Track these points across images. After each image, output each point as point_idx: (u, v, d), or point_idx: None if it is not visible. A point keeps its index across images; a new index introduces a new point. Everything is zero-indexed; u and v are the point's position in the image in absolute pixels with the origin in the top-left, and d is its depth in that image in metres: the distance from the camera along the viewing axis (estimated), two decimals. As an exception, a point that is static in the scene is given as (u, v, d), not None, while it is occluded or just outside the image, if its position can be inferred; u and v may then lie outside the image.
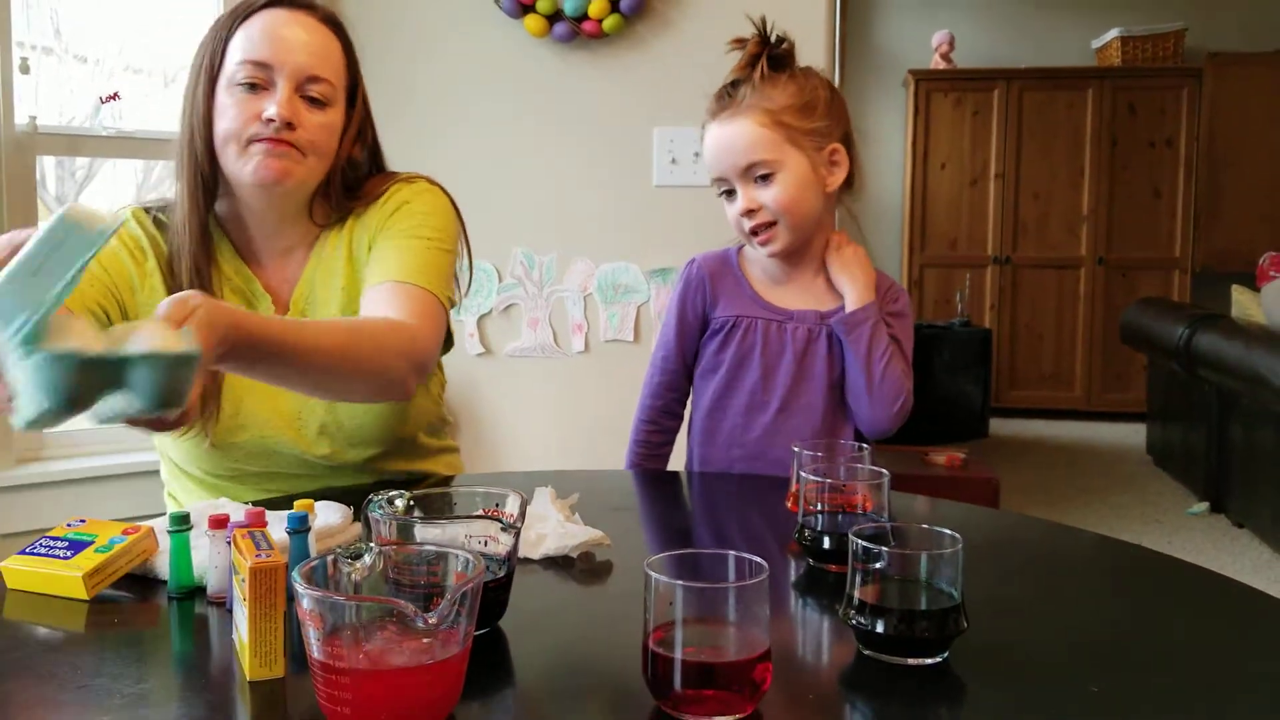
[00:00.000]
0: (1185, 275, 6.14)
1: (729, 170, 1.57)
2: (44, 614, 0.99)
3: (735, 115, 1.55)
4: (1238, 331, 4.03)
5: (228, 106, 1.37)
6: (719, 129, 1.57)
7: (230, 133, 1.36)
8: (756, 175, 1.55)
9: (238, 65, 1.36)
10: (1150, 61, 6.12)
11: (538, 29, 2.83)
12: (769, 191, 1.54)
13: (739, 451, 1.60)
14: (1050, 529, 1.36)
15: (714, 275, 1.66)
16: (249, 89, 1.36)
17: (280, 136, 1.36)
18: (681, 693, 0.76)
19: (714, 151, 1.58)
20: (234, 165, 1.38)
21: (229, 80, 1.37)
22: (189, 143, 1.39)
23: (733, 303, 1.64)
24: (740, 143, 1.54)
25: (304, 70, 1.38)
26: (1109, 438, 5.78)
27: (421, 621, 0.72)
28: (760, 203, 1.55)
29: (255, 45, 1.37)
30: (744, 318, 1.62)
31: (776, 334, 1.60)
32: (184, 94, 1.41)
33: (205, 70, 1.38)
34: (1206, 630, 0.99)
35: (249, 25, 1.38)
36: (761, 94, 1.54)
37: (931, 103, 6.26)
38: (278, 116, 1.35)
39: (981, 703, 0.83)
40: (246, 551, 0.85)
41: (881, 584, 0.88)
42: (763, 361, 1.60)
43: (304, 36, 1.40)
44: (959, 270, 6.27)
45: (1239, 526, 4.10)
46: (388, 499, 0.96)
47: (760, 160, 1.54)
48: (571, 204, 2.95)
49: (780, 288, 1.64)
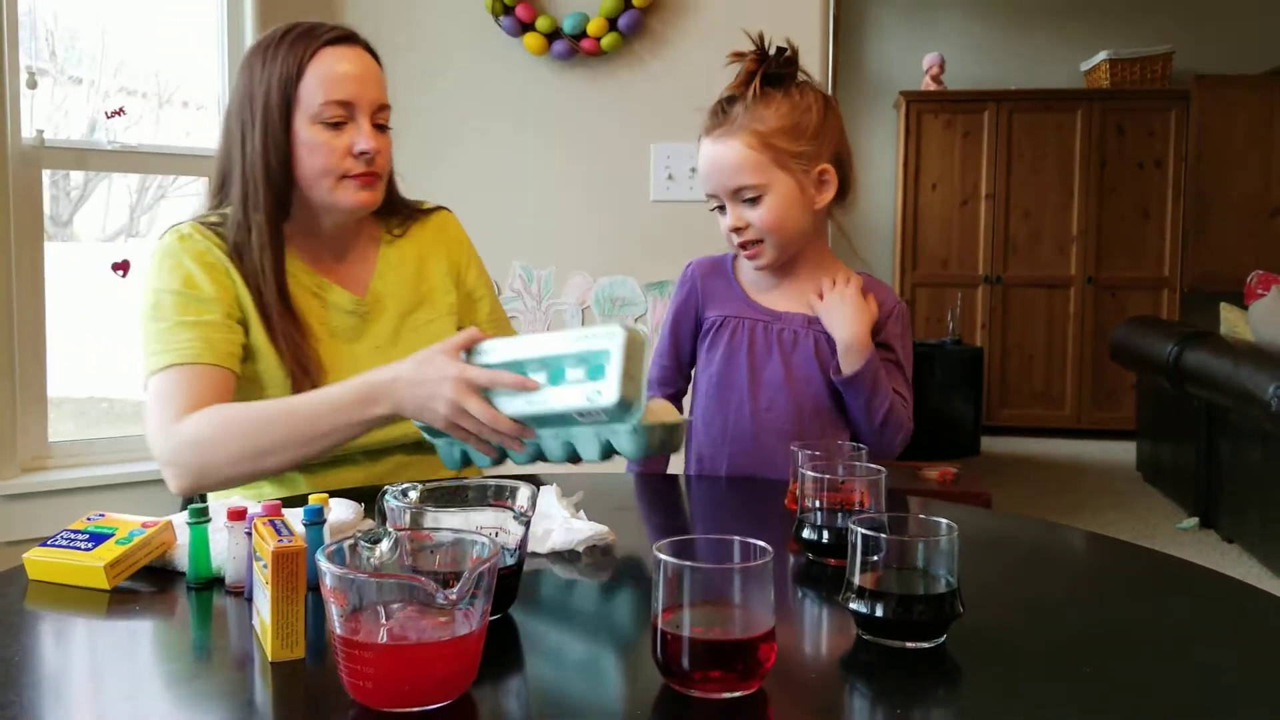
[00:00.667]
0: (1174, 294, 6.20)
1: (718, 189, 1.61)
2: (66, 603, 1.02)
3: (727, 135, 1.58)
4: (1226, 349, 4.08)
5: (317, 144, 1.49)
6: (711, 147, 1.60)
7: (324, 169, 1.49)
8: (744, 197, 1.58)
9: (322, 105, 1.48)
10: (1138, 84, 6.20)
11: (537, 47, 2.88)
12: (755, 212, 1.58)
13: (729, 448, 1.63)
14: (1043, 526, 1.39)
15: (706, 277, 1.72)
16: (333, 126, 1.49)
17: (370, 170, 1.51)
18: (689, 671, 0.79)
19: (706, 169, 1.62)
20: (326, 197, 1.52)
21: (312, 118, 1.48)
22: (266, 175, 1.49)
23: (723, 304, 1.69)
24: (729, 165, 1.58)
25: (375, 102, 1.53)
26: (1099, 455, 5.83)
27: (442, 598, 0.75)
28: (747, 221, 1.59)
29: (336, 85, 1.48)
30: (732, 318, 1.67)
31: (763, 334, 1.64)
32: (243, 125, 1.50)
33: (278, 106, 1.48)
34: (1196, 617, 1.03)
35: (320, 65, 1.49)
36: (754, 114, 1.57)
37: (922, 124, 6.32)
38: (370, 149, 1.50)
39: (978, 684, 0.86)
40: (269, 537, 0.88)
41: (880, 571, 0.91)
42: (749, 361, 1.64)
43: (369, 70, 1.53)
44: (950, 290, 6.32)
45: (1228, 541, 4.13)
46: (402, 490, 1.00)
47: (748, 184, 1.57)
48: (570, 218, 2.99)
49: (769, 291, 1.68)
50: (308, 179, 1.50)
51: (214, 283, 1.48)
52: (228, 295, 1.49)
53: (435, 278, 1.69)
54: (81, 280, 3.99)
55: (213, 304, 1.46)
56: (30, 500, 2.52)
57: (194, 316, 1.45)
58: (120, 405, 6.26)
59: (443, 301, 1.68)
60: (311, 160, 1.49)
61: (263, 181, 1.49)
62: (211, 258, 1.50)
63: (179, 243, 1.50)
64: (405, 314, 1.64)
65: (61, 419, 5.67)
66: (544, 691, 0.86)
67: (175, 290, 1.46)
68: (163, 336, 1.44)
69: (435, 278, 1.69)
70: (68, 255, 5.77)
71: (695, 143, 1.65)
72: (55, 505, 2.52)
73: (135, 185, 5.34)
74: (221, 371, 1.44)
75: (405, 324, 1.63)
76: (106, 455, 2.72)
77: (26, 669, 0.86)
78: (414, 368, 1.32)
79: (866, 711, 0.82)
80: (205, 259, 1.49)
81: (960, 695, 0.85)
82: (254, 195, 1.49)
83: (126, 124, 2.80)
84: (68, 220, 5.87)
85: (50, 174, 2.85)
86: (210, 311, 1.46)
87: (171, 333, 1.44)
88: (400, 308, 1.63)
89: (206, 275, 1.48)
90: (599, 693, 0.84)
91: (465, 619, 0.77)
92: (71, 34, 3.70)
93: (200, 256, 1.49)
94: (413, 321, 1.64)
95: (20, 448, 2.57)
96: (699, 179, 1.67)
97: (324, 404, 1.37)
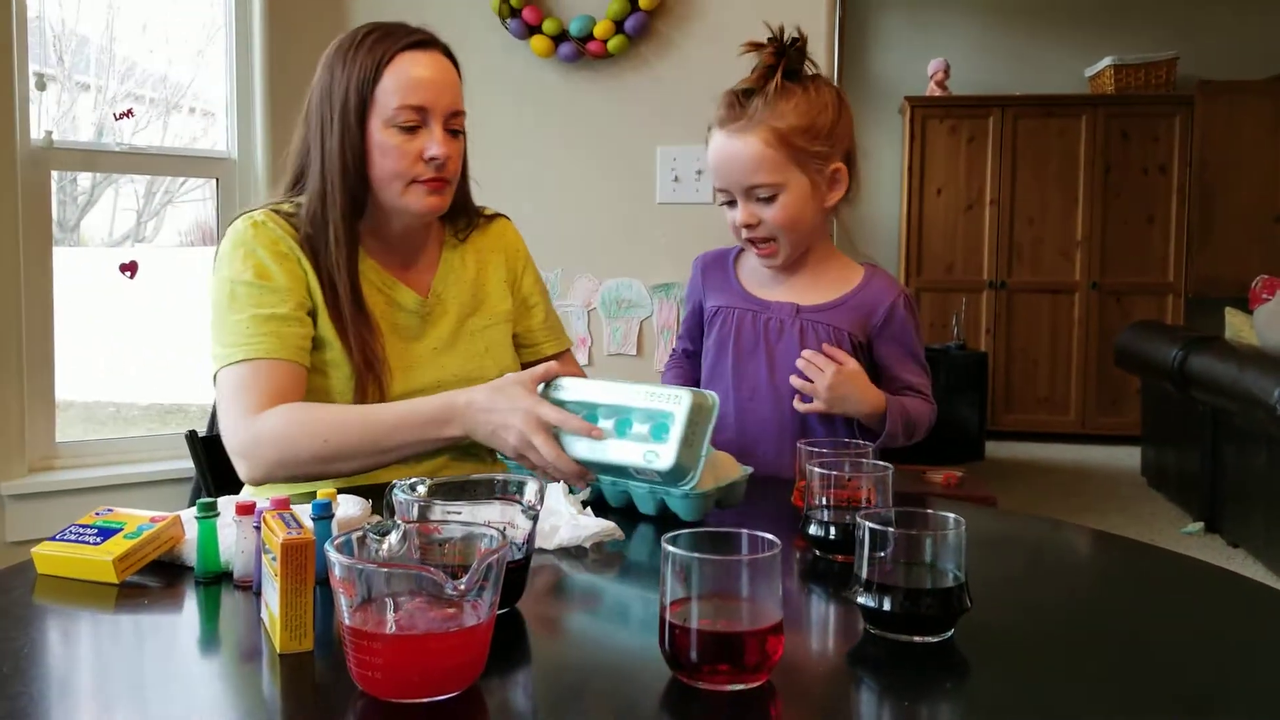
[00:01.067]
0: (1179, 300, 6.19)
1: (732, 185, 1.59)
2: (74, 597, 1.02)
3: (744, 130, 1.55)
4: (1231, 353, 4.07)
5: (389, 147, 1.50)
6: (726, 140, 1.57)
7: (395, 172, 1.51)
8: (759, 195, 1.57)
9: (396, 109, 1.49)
10: (1143, 89, 6.19)
11: (543, 49, 2.89)
12: (769, 210, 1.57)
13: (715, 439, 1.63)
14: (1050, 525, 1.39)
15: (708, 269, 1.74)
16: (407, 130, 1.50)
17: (440, 175, 1.53)
18: (697, 663, 0.79)
19: (719, 162, 1.60)
20: (396, 200, 1.53)
21: (386, 121, 1.50)
22: (343, 175, 1.51)
23: (720, 294, 1.71)
24: (747, 162, 1.56)
25: (449, 108, 1.54)
26: (1103, 460, 5.82)
27: (451, 588, 0.75)
28: (759, 218, 1.58)
29: (412, 90, 1.50)
30: (725, 308, 1.69)
31: (751, 323, 1.65)
32: (322, 123, 1.52)
33: (355, 108, 1.50)
34: (1204, 615, 1.03)
35: (397, 69, 1.50)
36: (773, 109, 1.55)
37: (927, 129, 6.32)
38: (440, 155, 1.51)
39: (985, 679, 0.86)
40: (278, 529, 0.88)
41: (888, 565, 0.91)
42: (736, 349, 1.65)
43: (445, 75, 1.55)
44: (955, 295, 6.32)
45: (1234, 546, 4.13)
46: (410, 484, 1.00)
47: (764, 183, 1.56)
48: (576, 221, 3.00)
49: (767, 284, 1.69)
50: (379, 181, 1.52)
51: (286, 273, 1.50)
52: (299, 286, 1.50)
53: (492, 284, 1.72)
54: (89, 284, 4.00)
55: (285, 295, 1.48)
56: (38, 500, 2.53)
57: (267, 310, 1.47)
58: (127, 409, 6.29)
59: (499, 308, 1.71)
60: (384, 163, 1.51)
61: (339, 181, 1.51)
62: (284, 247, 1.51)
63: (252, 230, 1.51)
64: (463, 318, 1.66)
65: (69, 423, 5.70)
66: (551, 684, 0.86)
67: (248, 281, 1.48)
68: (236, 329, 1.46)
69: (492, 284, 1.72)
70: (75, 259, 5.79)
71: (702, 145, 1.64)
72: (62, 505, 2.53)
73: (142, 190, 5.35)
74: (293, 366, 1.47)
75: (463, 328, 1.65)
76: (113, 456, 2.72)
77: (35, 661, 0.87)
78: (489, 395, 1.35)
79: (873, 705, 0.83)
80: (278, 248, 1.51)
81: (968, 689, 0.85)
82: (331, 194, 1.51)
83: (134, 129, 2.81)
84: (74, 225, 5.90)
85: (58, 179, 2.86)
86: (283, 304, 1.48)
87: (245, 326, 1.46)
88: (459, 311, 1.66)
89: (279, 265, 1.49)
90: (606, 685, 0.85)
91: (473, 610, 0.78)
92: (79, 40, 3.72)
93: (273, 245, 1.50)
94: (470, 326, 1.66)
95: (28, 448, 2.58)
96: (709, 172, 1.65)
97: (401, 418, 1.39)
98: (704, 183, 2.86)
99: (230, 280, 1.49)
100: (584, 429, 1.28)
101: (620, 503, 1.35)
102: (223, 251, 1.53)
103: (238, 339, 1.46)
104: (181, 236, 4.83)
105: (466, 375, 1.58)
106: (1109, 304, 6.25)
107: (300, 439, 1.39)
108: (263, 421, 1.41)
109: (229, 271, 1.50)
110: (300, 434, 1.40)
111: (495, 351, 1.67)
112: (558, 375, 1.37)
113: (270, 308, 1.47)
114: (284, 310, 1.48)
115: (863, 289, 1.66)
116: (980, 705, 0.82)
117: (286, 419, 1.41)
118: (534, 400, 1.32)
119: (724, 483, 1.31)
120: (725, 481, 1.31)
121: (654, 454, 1.24)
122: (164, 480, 2.61)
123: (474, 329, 1.66)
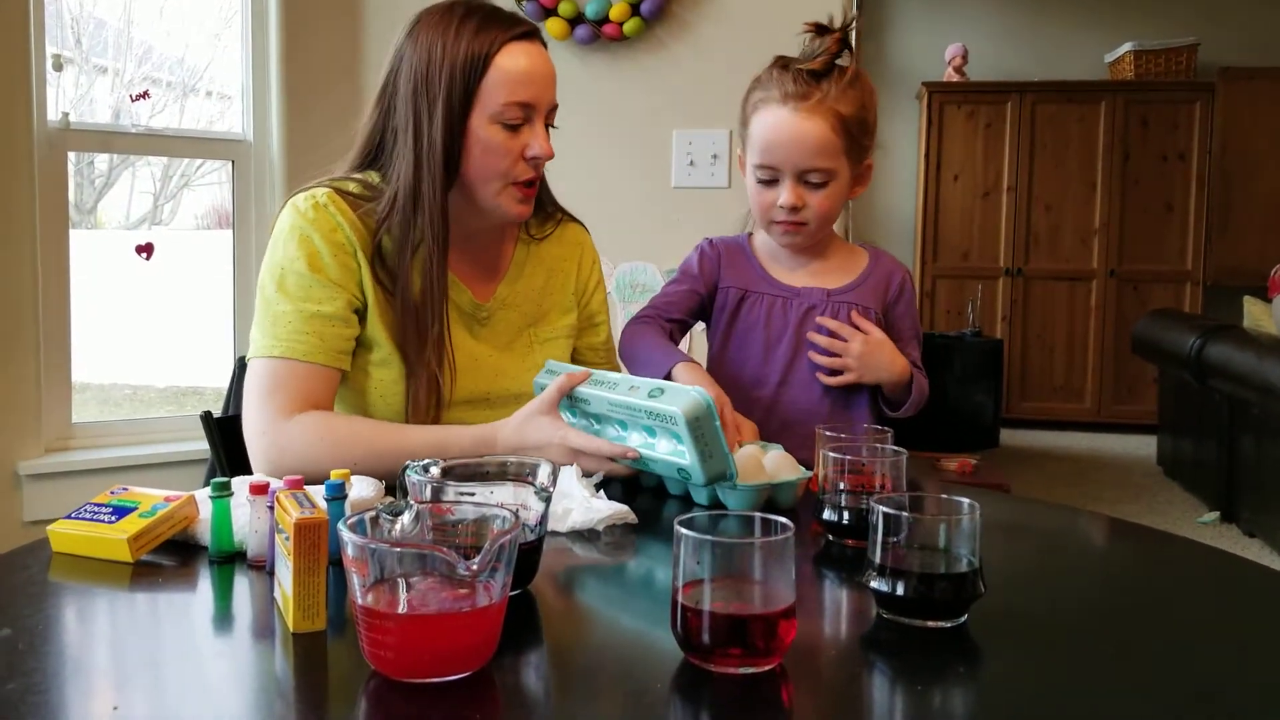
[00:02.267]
0: (1197, 288, 6.16)
1: (786, 164, 1.55)
2: (89, 575, 1.03)
3: (813, 112, 1.52)
4: (1249, 342, 4.05)
5: (494, 145, 1.44)
6: (791, 119, 1.53)
7: (497, 171, 1.46)
8: (812, 180, 1.55)
9: (504, 105, 1.43)
10: (1163, 75, 6.15)
11: (559, 32, 2.88)
12: (816, 195, 1.56)
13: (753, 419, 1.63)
14: (1064, 511, 1.39)
15: (726, 251, 1.70)
16: (511, 128, 1.45)
17: (534, 178, 1.49)
18: (709, 646, 0.79)
19: (778, 139, 1.54)
20: (489, 200, 1.48)
21: (492, 116, 1.43)
22: (446, 167, 1.44)
23: (741, 276, 1.67)
24: (812, 144, 1.52)
25: (550, 103, 1.50)
26: (1119, 449, 5.80)
27: (463, 569, 0.75)
28: (805, 202, 1.56)
29: (519, 86, 1.43)
30: (751, 292, 1.66)
31: (780, 310, 1.64)
32: (417, 109, 1.43)
33: (460, 99, 1.42)
34: (1218, 601, 1.02)
35: (506, 61, 1.43)
36: (842, 96, 1.52)
37: (944, 115, 6.29)
38: (544, 155, 1.47)
39: (998, 664, 0.86)
40: (291, 508, 0.88)
41: (902, 550, 0.91)
42: (765, 336, 1.64)
43: (548, 69, 1.49)
44: (971, 282, 6.29)
45: (1250, 536, 4.11)
46: (423, 465, 1.00)
47: (821, 167, 1.54)
48: (591, 204, 2.96)
49: (788, 267, 1.67)
50: (477, 177, 1.46)
51: (340, 265, 1.44)
52: (351, 281, 1.45)
53: (559, 294, 1.66)
54: (106, 267, 4.02)
55: (335, 292, 1.43)
56: (54, 480, 2.54)
57: (314, 306, 1.42)
58: (144, 391, 6.32)
59: (561, 321, 1.65)
60: (485, 160, 1.45)
61: (441, 173, 1.44)
62: (341, 236, 1.44)
63: (312, 212, 1.44)
64: (524, 326, 1.61)
65: (87, 405, 5.73)
66: (563, 665, 0.86)
67: (300, 271, 1.42)
68: (280, 321, 1.41)
69: (559, 294, 1.66)
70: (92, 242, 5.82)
71: (719, 129, 1.64)
72: (79, 485, 2.54)
73: (159, 173, 5.36)
74: (330, 371, 1.43)
75: (522, 336, 1.60)
76: (129, 436, 2.74)
77: (49, 639, 0.87)
78: (517, 432, 1.35)
79: (886, 689, 0.82)
80: (334, 237, 1.44)
81: (981, 674, 0.85)
82: (431, 185, 1.43)
83: (151, 112, 2.81)
84: (92, 207, 5.92)
85: (75, 162, 2.87)
86: (331, 301, 1.42)
87: (289, 320, 1.41)
88: (522, 320, 1.61)
89: (333, 257, 1.43)
90: (618, 667, 0.85)
91: (486, 591, 0.78)
92: (97, 22, 3.72)
93: (330, 234, 1.44)
94: (529, 336, 1.61)
95: (45, 428, 2.59)
96: (757, 145, 1.57)
97: (434, 449, 1.33)
98: (719, 167, 2.85)
99: (282, 266, 1.43)
100: (615, 452, 1.28)
101: (653, 482, 1.36)
102: (280, 228, 1.46)
103: (280, 332, 1.41)
104: (198, 220, 4.84)
105: (519, 387, 1.54)
106: (1126, 292, 6.21)
107: (327, 456, 1.34)
108: (291, 428, 1.37)
109: (282, 255, 1.44)
110: (329, 451, 1.35)
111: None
112: (568, 388, 1.35)
113: (317, 304, 1.42)
114: (330, 309, 1.42)
115: (874, 267, 1.68)
116: (993, 690, 0.82)
117: (318, 432, 1.37)
118: (561, 433, 1.32)
119: (775, 481, 1.28)
120: (777, 480, 1.28)
121: (686, 472, 1.24)
122: (179, 461, 2.62)
123: (533, 340, 1.61)
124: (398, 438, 1.39)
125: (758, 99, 1.57)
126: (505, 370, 1.56)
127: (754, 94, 1.59)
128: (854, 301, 1.64)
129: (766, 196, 1.59)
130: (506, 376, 1.56)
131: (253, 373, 1.42)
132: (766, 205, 1.59)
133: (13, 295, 2.51)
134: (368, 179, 1.50)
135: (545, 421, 1.33)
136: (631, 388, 1.28)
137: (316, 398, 1.41)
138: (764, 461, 1.30)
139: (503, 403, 1.54)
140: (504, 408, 1.50)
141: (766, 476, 1.28)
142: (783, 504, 1.28)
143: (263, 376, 1.41)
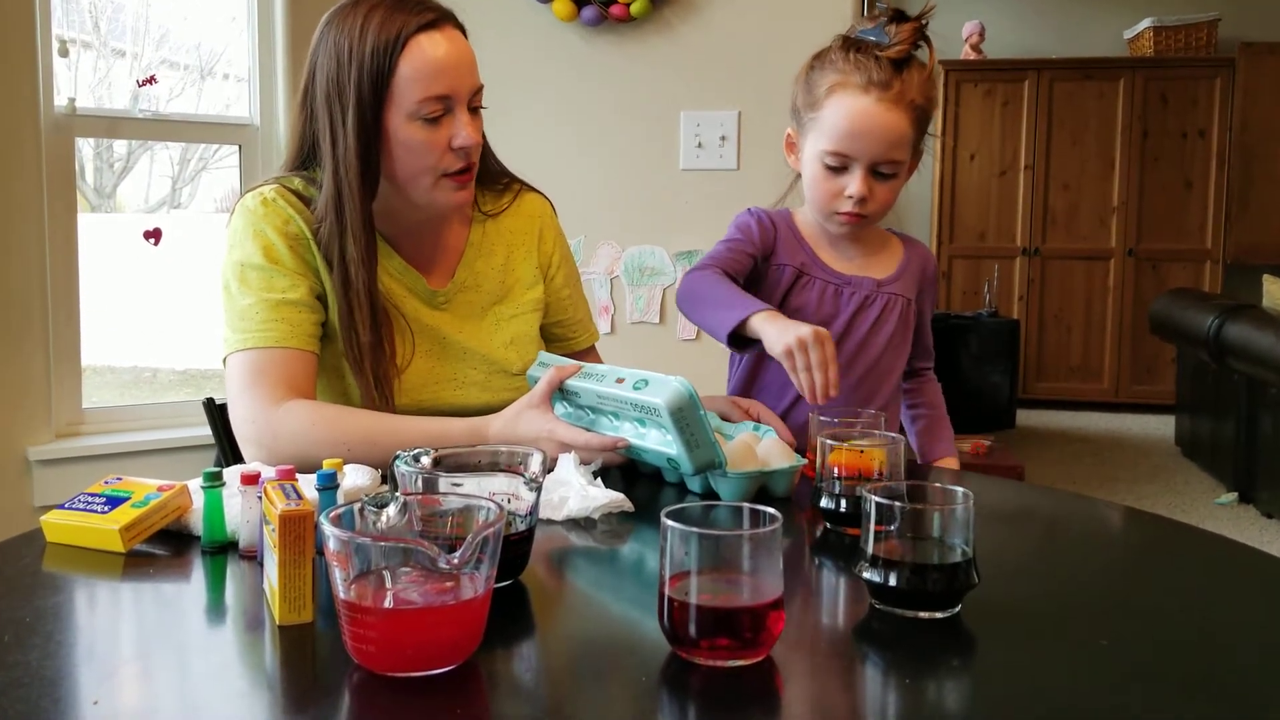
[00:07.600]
0: (1216, 267, 6.10)
1: (863, 155, 1.50)
2: (82, 565, 1.03)
3: (895, 103, 1.48)
4: (1268, 322, 4.00)
5: (415, 143, 1.40)
6: (875, 109, 1.48)
7: (424, 167, 1.42)
8: (884, 171, 1.52)
9: (419, 102, 1.38)
10: (1183, 52, 6.07)
11: (566, 13, 2.85)
12: (883, 187, 1.52)
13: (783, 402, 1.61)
14: (1069, 499, 1.37)
15: (781, 225, 1.64)
16: (431, 122, 1.40)
17: (467, 165, 1.44)
18: (696, 638, 0.78)
19: (860, 128, 1.49)
20: (422, 196, 1.45)
21: (409, 114, 1.39)
22: (362, 173, 1.40)
23: (793, 254, 1.62)
24: (894, 136, 1.49)
25: (471, 88, 1.44)
26: (1137, 429, 5.76)
27: (444, 562, 0.75)
28: (873, 194, 1.52)
29: (432, 81, 1.38)
30: (804, 274, 1.61)
31: (833, 297, 1.60)
32: (331, 114, 1.40)
33: (370, 104, 1.38)
34: (1219, 590, 1.01)
35: (413, 57, 1.38)
36: (921, 89, 1.50)
37: (961, 93, 6.24)
38: (470, 143, 1.42)
39: (991, 655, 0.85)
40: (277, 500, 0.88)
41: (895, 540, 0.90)
42: (816, 320, 1.59)
43: (463, 54, 1.43)
44: (987, 261, 6.25)
45: (1268, 517, 4.08)
46: (413, 455, 0.99)
47: (897, 160, 1.51)
48: (598, 187, 2.98)
49: (836, 252, 1.64)
50: (404, 178, 1.43)
51: (295, 256, 1.44)
52: (309, 270, 1.45)
53: (521, 270, 1.63)
54: (124, 250, 4.04)
55: (297, 280, 1.43)
56: (64, 465, 2.55)
57: (278, 295, 1.41)
58: (165, 374, 6.35)
59: (526, 297, 1.62)
60: (409, 160, 1.42)
61: (357, 181, 1.40)
62: (294, 228, 1.44)
63: (262, 209, 1.45)
64: (488, 306, 1.59)
65: (103, 388, 5.74)
66: (549, 658, 0.85)
67: (258, 265, 1.42)
68: (246, 315, 1.41)
69: (521, 270, 1.63)
70: (111, 226, 5.84)
71: (727, 110, 1.61)
72: (89, 470, 2.55)
73: (177, 157, 5.37)
74: (304, 355, 1.42)
75: (488, 315, 1.59)
76: (140, 421, 2.75)
77: (40, 630, 0.87)
78: (508, 426, 1.34)
79: (877, 681, 0.81)
80: (288, 229, 1.44)
81: (974, 666, 0.84)
82: (348, 193, 1.41)
83: (169, 95, 2.81)
84: (110, 191, 5.94)
85: (94, 146, 2.87)
86: (294, 289, 1.42)
87: (255, 312, 1.41)
88: (484, 300, 1.59)
89: (289, 249, 1.43)
90: (606, 658, 0.84)
91: (470, 584, 0.77)
92: (115, 6, 3.72)
93: (284, 227, 1.44)
94: (495, 314, 1.59)
95: (55, 413, 2.60)
96: (834, 132, 1.51)
97: (429, 439, 1.32)
98: (728, 148, 2.82)
99: (240, 263, 1.43)
100: (605, 445, 1.27)
101: (650, 469, 1.36)
102: (233, 229, 1.47)
103: (249, 325, 1.41)
104: (217, 203, 4.85)
105: (487, 370, 1.55)
106: (1145, 271, 6.16)
107: (322, 442, 1.33)
108: (284, 415, 1.36)
109: (239, 253, 1.44)
110: (323, 437, 1.34)
111: (520, 344, 1.59)
112: (558, 382, 1.34)
113: (281, 293, 1.42)
114: (295, 295, 1.42)
115: (910, 255, 1.67)
116: (986, 682, 0.81)
117: (311, 419, 1.36)
118: (550, 427, 1.30)
119: (767, 469, 1.27)
120: (768, 468, 1.27)
121: (675, 461, 1.24)
122: (190, 446, 2.63)
123: (500, 318, 1.59)
124: (392, 428, 1.37)
125: (834, 82, 1.50)
126: (470, 353, 1.55)
127: (825, 74, 1.52)
128: (897, 292, 1.63)
129: (834, 184, 1.53)
130: (475, 356, 1.55)
131: (231, 369, 1.42)
132: (833, 194, 1.54)
133: (21, 282, 2.51)
134: (313, 175, 1.49)
135: (536, 415, 1.32)
136: (618, 380, 1.27)
137: (298, 382, 1.41)
138: (757, 449, 1.29)
139: (471, 385, 1.55)
140: (472, 389, 1.53)
141: (759, 464, 1.27)
142: (777, 492, 1.27)
143: (242, 370, 1.40)
